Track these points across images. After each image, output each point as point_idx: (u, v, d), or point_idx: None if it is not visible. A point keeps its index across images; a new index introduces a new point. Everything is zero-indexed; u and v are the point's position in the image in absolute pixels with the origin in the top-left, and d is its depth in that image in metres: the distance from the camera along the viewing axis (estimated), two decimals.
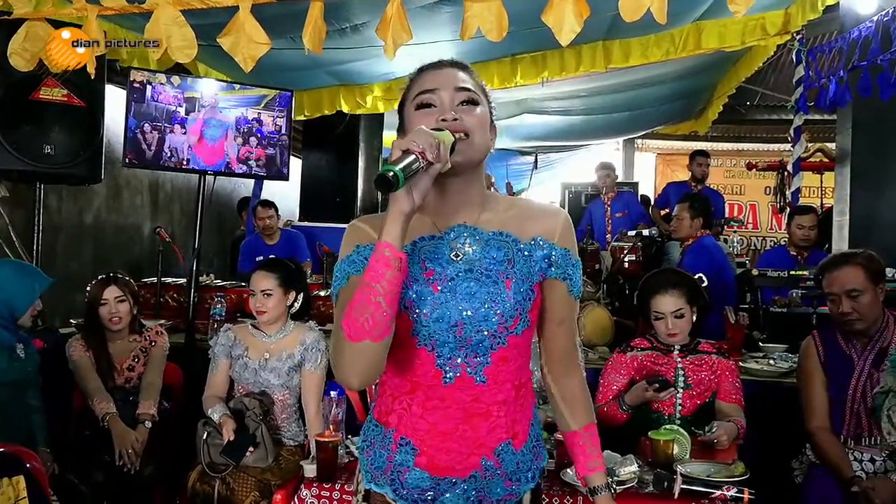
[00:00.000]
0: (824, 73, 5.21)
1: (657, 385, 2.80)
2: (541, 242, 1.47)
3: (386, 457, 1.48)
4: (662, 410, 2.90)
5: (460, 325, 1.40)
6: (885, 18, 4.10)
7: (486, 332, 1.41)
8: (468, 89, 1.45)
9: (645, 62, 5.64)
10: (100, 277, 3.39)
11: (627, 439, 2.77)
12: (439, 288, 1.42)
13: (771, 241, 10.63)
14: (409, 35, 2.45)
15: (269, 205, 6.01)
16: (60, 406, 3.36)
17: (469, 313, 1.40)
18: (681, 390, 2.92)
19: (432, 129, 1.33)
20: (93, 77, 3.11)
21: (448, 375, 1.42)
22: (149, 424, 3.17)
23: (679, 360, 2.96)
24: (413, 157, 1.25)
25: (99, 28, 2.70)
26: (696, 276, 3.28)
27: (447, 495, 1.45)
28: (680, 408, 2.90)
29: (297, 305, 3.24)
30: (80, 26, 2.74)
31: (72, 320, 4.16)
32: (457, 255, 1.44)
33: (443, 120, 1.39)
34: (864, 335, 2.79)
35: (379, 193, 6.90)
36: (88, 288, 3.38)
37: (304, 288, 3.30)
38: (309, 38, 2.45)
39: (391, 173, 1.22)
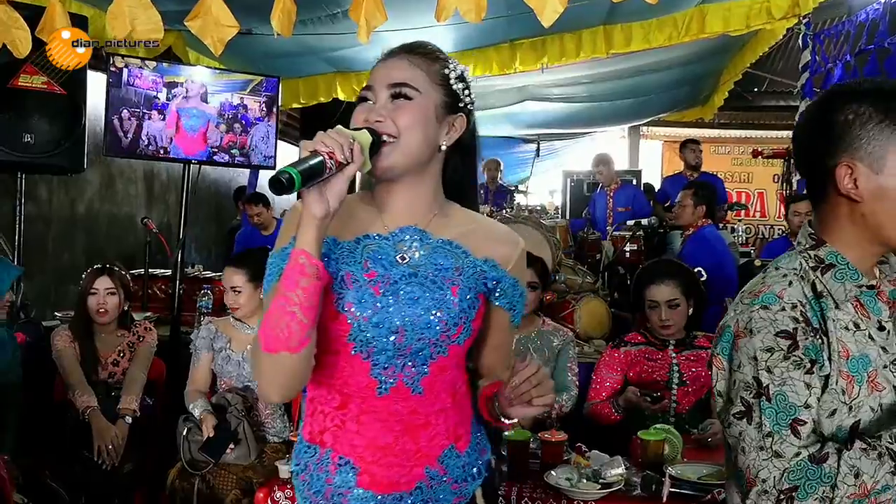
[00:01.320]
0: (830, 57, 5.08)
1: (649, 399, 2.71)
2: (493, 265, 1.38)
3: (324, 479, 1.36)
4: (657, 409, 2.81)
5: (401, 331, 1.30)
6: (894, 1, 3.96)
7: (427, 340, 1.31)
8: (402, 84, 1.33)
9: (647, 47, 5.51)
10: (95, 267, 3.33)
11: (620, 435, 2.69)
12: (381, 291, 1.31)
13: (779, 229, 10.47)
14: (385, 17, 2.35)
15: (258, 200, 5.92)
16: (41, 400, 3.30)
17: (411, 319, 1.30)
18: (675, 387, 2.83)
19: (355, 128, 1.27)
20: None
21: (383, 386, 1.32)
22: (129, 420, 3.11)
23: (674, 355, 2.86)
24: (319, 158, 1.17)
25: (63, 11, 2.60)
26: (696, 270, 3.17)
27: None
28: (675, 405, 2.82)
29: None
30: (43, 9, 2.64)
31: (56, 313, 4.09)
32: (403, 258, 1.35)
33: (365, 120, 1.31)
34: None
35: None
36: (83, 277, 3.32)
37: None
38: (277, 21, 2.34)
39: (286, 175, 1.13)
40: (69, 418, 3.22)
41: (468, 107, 1.41)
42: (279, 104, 3.92)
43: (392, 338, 1.30)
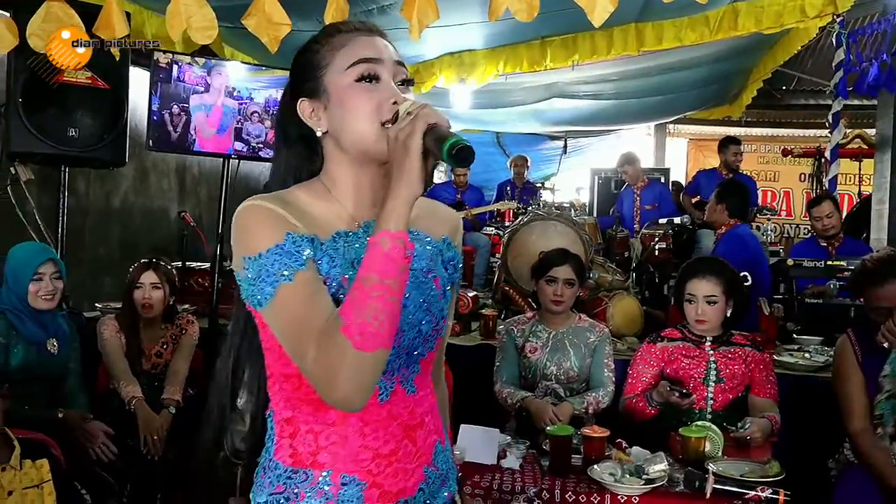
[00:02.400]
0: (865, 56, 5.06)
1: (678, 394, 2.72)
2: (449, 243, 1.36)
3: (325, 502, 1.23)
4: (693, 405, 2.82)
5: (399, 332, 1.19)
6: None
7: (421, 338, 1.26)
8: (404, 65, 1.26)
9: (679, 45, 5.50)
10: (142, 261, 3.39)
11: (657, 433, 2.71)
12: None
13: (805, 228, 10.39)
14: (437, 15, 2.38)
15: None
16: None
17: (406, 319, 1.22)
18: (712, 384, 2.84)
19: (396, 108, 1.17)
20: (117, 59, 3.07)
21: (384, 392, 1.24)
22: (173, 410, 3.17)
23: (711, 352, 2.87)
24: (447, 130, 1.10)
25: (120, 9, 2.65)
26: (742, 274, 3.17)
27: None
28: (711, 402, 2.83)
29: None
30: (100, 7, 2.70)
31: (97, 304, 4.16)
32: None
33: (394, 103, 1.19)
34: None
35: None
36: (131, 270, 3.37)
37: None
38: (332, 19, 2.38)
39: (466, 143, 1.06)
40: (113, 408, 3.29)
41: None
42: None
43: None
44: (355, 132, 1.22)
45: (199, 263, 4.65)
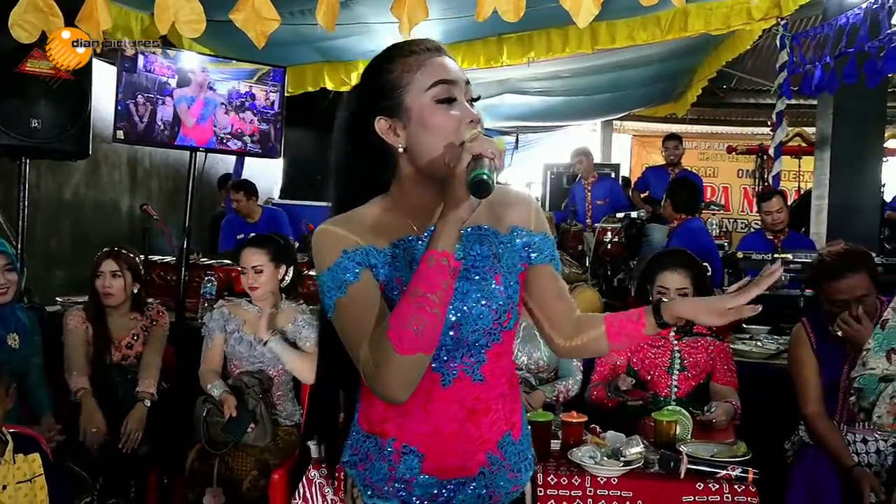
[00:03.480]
0: (808, 58, 5.27)
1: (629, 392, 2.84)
2: (520, 231, 1.45)
3: (387, 468, 1.39)
4: (658, 392, 2.94)
5: (456, 326, 1.35)
6: (874, 6, 4.15)
7: (481, 331, 1.37)
8: (470, 84, 1.36)
9: (631, 44, 5.65)
10: (104, 250, 3.33)
11: (624, 421, 2.82)
12: None
13: (742, 223, 10.78)
14: (426, 13, 2.43)
15: (239, 187, 5.93)
16: (49, 385, 3.31)
17: (464, 313, 1.35)
18: (676, 373, 2.95)
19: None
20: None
21: (446, 378, 1.37)
22: (148, 403, 3.12)
23: (675, 342, 2.99)
24: (488, 161, 1.21)
25: (105, 1, 2.62)
26: (703, 265, 3.29)
27: (458, 496, 1.40)
28: (675, 390, 2.94)
29: (287, 279, 3.24)
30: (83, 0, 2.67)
31: (58, 298, 4.09)
32: None
33: (471, 122, 1.30)
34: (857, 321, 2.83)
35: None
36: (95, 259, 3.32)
37: (294, 261, 3.30)
38: (323, 16, 2.41)
39: (486, 177, 1.18)
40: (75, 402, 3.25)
41: None
42: (285, 94, 3.95)
43: (450, 333, 1.34)
44: (436, 150, 1.31)
45: (160, 257, 4.60)
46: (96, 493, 2.94)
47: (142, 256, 4.23)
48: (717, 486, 2.22)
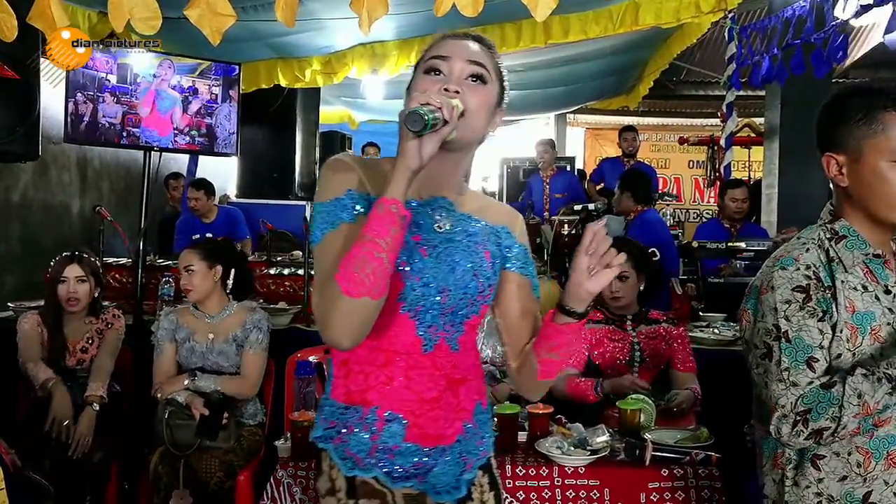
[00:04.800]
0: (756, 50, 5.38)
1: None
2: (507, 232, 1.53)
3: (369, 437, 1.41)
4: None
5: (446, 291, 1.40)
6: None
7: (467, 300, 1.42)
8: (480, 64, 1.41)
9: (584, 38, 5.70)
10: (64, 254, 3.26)
11: (591, 409, 2.86)
12: (427, 253, 1.41)
13: (694, 213, 10.98)
14: (386, 9, 2.41)
15: (199, 186, 5.84)
16: (4, 394, 3.23)
17: (454, 280, 1.41)
18: (637, 365, 2.99)
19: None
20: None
21: (428, 344, 1.41)
22: (96, 407, 3.04)
23: (633, 333, 3.03)
24: (436, 111, 1.24)
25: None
26: (650, 250, 3.36)
27: (438, 464, 1.44)
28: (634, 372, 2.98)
29: (230, 283, 3.21)
30: None
31: (10, 304, 3.98)
32: (439, 227, 1.44)
33: (445, 89, 1.35)
34: None
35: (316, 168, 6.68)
36: (52, 263, 3.24)
37: (235, 263, 3.26)
38: (282, 12, 2.38)
39: (422, 112, 1.21)
40: (35, 408, 3.17)
41: (504, 103, 1.50)
42: (240, 90, 3.89)
43: (438, 297, 1.40)
44: None
45: (115, 259, 4.51)
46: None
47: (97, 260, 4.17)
48: (682, 472, 2.26)
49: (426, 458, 1.43)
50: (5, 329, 3.46)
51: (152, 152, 3.69)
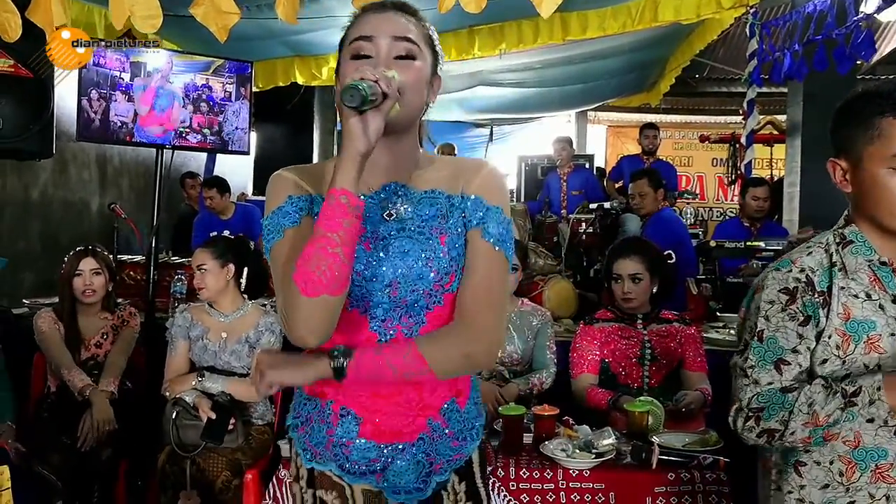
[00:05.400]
0: (778, 46, 5.30)
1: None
2: (476, 200, 1.38)
3: (325, 431, 1.39)
4: (630, 384, 2.93)
5: (395, 284, 1.33)
6: None
7: (421, 291, 1.34)
8: (408, 39, 1.32)
9: (602, 34, 5.63)
10: (77, 249, 3.30)
11: (594, 412, 2.82)
12: (371, 246, 1.34)
13: (717, 211, 10.86)
14: None
15: (212, 184, 5.87)
16: (16, 389, 3.25)
17: (403, 271, 1.33)
18: (647, 363, 2.95)
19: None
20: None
21: (382, 338, 1.35)
22: (107, 400, 3.07)
23: (644, 331, 2.99)
24: (372, 83, 1.18)
25: None
26: (666, 252, 3.31)
27: (397, 462, 1.39)
28: (648, 380, 2.94)
29: (243, 282, 3.20)
30: None
31: (25, 301, 4.01)
32: (389, 215, 1.36)
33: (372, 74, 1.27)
34: None
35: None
36: (66, 259, 3.27)
37: (247, 262, 3.25)
38: (283, 9, 2.37)
39: (360, 86, 1.15)
40: (47, 405, 3.20)
41: (440, 68, 1.42)
42: (252, 88, 3.89)
43: (387, 291, 1.33)
44: None
45: (130, 256, 4.54)
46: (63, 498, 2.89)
47: (111, 256, 4.20)
48: (689, 476, 2.22)
49: (382, 456, 1.39)
50: (22, 325, 3.49)
51: (164, 150, 3.68)
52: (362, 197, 1.31)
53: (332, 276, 1.20)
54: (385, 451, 1.38)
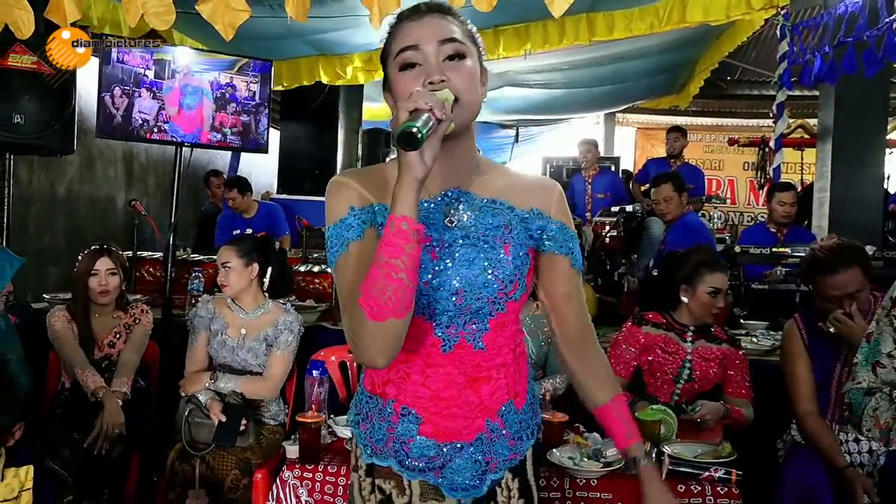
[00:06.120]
0: (808, 48, 5.19)
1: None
2: (538, 213, 1.43)
3: (386, 428, 1.43)
4: (658, 397, 2.86)
5: (460, 292, 1.35)
6: None
7: (486, 299, 1.36)
8: (454, 40, 1.32)
9: (629, 35, 5.57)
10: (92, 248, 3.29)
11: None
12: (437, 255, 1.35)
13: (748, 216, 10.68)
14: (398, 3, 2.36)
15: (233, 185, 5.90)
16: (33, 383, 3.27)
17: (469, 280, 1.35)
18: (682, 382, 2.88)
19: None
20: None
21: (447, 344, 1.38)
22: (119, 402, 3.08)
23: (690, 348, 2.90)
24: (426, 114, 1.17)
25: None
26: None
27: (455, 460, 1.42)
28: (676, 398, 2.87)
29: (266, 281, 3.19)
30: None
31: (45, 295, 4.05)
32: (451, 222, 1.38)
33: (430, 83, 1.28)
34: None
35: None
36: (79, 258, 3.28)
37: (271, 261, 3.24)
38: (292, 7, 2.35)
39: (414, 129, 1.15)
40: (61, 401, 3.22)
41: (484, 62, 1.42)
42: (271, 87, 3.89)
43: (452, 299, 1.35)
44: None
45: (150, 253, 4.57)
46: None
47: (130, 253, 4.23)
48: (700, 488, 2.16)
49: (441, 454, 1.42)
50: (41, 320, 3.51)
51: (183, 148, 3.69)
52: (423, 203, 1.35)
53: (398, 300, 1.22)
54: (444, 449, 1.42)
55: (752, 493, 2.24)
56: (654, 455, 2.25)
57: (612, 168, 7.80)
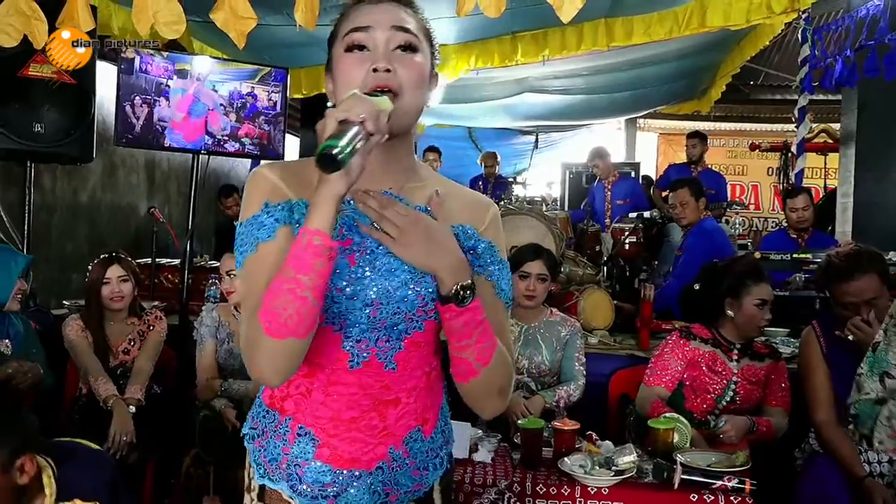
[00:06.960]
0: (830, 52, 5.13)
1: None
2: (468, 231, 1.31)
3: (281, 448, 1.30)
4: (695, 414, 2.81)
5: (376, 304, 1.23)
6: None
7: (403, 315, 1.25)
8: (408, 31, 1.24)
9: (648, 41, 5.54)
10: (102, 257, 3.33)
11: (623, 424, 2.75)
12: (356, 260, 1.23)
13: (773, 221, 10.56)
14: None
15: (230, 192, 5.94)
16: (51, 391, 3.31)
17: (387, 292, 1.23)
18: (724, 403, 2.83)
19: (366, 94, 1.14)
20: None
21: (354, 360, 1.25)
22: (133, 409, 3.08)
23: (736, 368, 2.85)
24: (355, 129, 1.07)
25: (85, 2, 2.61)
26: (713, 261, 3.16)
27: (350, 490, 1.29)
28: (713, 418, 2.80)
29: None
30: (64, 1, 2.66)
31: (65, 301, 4.10)
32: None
33: (374, 70, 1.19)
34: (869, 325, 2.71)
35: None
36: (90, 268, 3.32)
37: None
38: (301, 14, 2.37)
39: (336, 150, 1.04)
40: (78, 406, 3.25)
41: (436, 65, 1.33)
42: (288, 95, 3.92)
43: (367, 311, 1.23)
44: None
45: (168, 260, 4.61)
46: None
47: (149, 260, 4.27)
48: (713, 498, 2.14)
49: (337, 482, 1.29)
50: (60, 326, 3.55)
51: (199, 156, 3.72)
52: (350, 201, 1.23)
53: (300, 320, 1.12)
54: (340, 477, 1.29)
55: (767, 503, 2.21)
56: (666, 465, 2.23)
57: (633, 174, 7.74)
